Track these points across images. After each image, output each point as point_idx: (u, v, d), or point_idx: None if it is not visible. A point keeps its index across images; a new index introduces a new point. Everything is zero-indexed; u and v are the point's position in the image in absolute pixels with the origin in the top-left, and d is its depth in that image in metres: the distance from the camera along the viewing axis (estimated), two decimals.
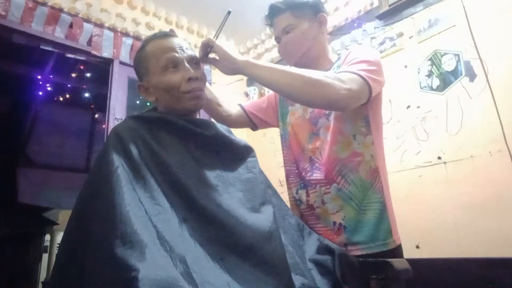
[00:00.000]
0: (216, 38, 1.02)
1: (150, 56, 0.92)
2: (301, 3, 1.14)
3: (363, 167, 1.06)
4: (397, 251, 1.03)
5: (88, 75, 4.43)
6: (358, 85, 0.94)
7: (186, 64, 0.90)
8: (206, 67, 2.80)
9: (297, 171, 1.18)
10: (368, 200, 1.05)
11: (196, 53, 0.97)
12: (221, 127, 0.94)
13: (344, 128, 1.07)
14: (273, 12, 1.16)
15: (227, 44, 3.22)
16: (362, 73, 0.96)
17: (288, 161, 1.23)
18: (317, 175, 1.10)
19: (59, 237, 6.74)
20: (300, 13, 1.13)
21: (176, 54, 0.90)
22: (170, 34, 0.95)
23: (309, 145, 1.14)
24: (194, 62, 0.93)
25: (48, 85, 4.67)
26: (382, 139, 1.14)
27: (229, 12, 1.03)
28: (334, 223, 1.06)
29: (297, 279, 0.71)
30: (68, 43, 2.30)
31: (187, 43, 0.95)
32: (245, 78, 3.30)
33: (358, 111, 1.05)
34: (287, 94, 1.03)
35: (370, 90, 0.97)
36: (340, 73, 0.97)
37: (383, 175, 1.08)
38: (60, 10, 2.30)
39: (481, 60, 1.80)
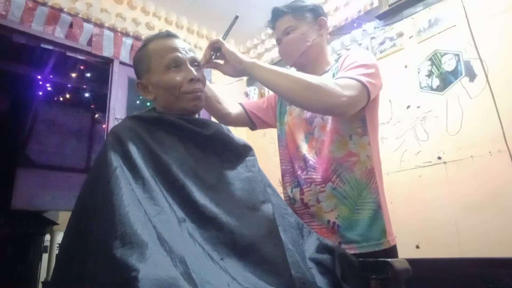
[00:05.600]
0: (224, 39, 1.04)
1: (153, 54, 0.92)
2: (303, 7, 1.18)
3: (359, 167, 1.07)
4: (391, 252, 1.03)
5: (88, 75, 4.42)
6: (358, 90, 0.97)
7: (189, 65, 0.91)
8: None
9: (292, 170, 1.19)
10: (362, 200, 1.05)
11: (197, 54, 0.97)
12: (220, 126, 0.95)
13: (341, 128, 1.09)
14: (276, 15, 1.20)
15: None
16: (361, 78, 0.98)
17: (284, 160, 1.24)
18: (312, 173, 1.11)
19: (59, 237, 6.74)
20: (301, 15, 1.17)
21: (180, 55, 0.90)
22: (173, 35, 0.96)
23: (305, 144, 1.16)
24: (196, 64, 0.94)
25: (48, 85, 4.67)
26: (378, 140, 1.16)
27: (236, 17, 1.07)
28: (329, 221, 1.07)
29: (297, 278, 0.71)
30: (68, 43, 2.30)
31: (189, 45, 0.96)
32: (245, 78, 3.30)
33: (355, 112, 1.06)
34: (288, 98, 1.05)
35: (369, 94, 0.99)
36: (339, 78, 0.99)
37: (378, 176, 1.10)
38: (60, 10, 2.30)
39: (481, 60, 1.80)
